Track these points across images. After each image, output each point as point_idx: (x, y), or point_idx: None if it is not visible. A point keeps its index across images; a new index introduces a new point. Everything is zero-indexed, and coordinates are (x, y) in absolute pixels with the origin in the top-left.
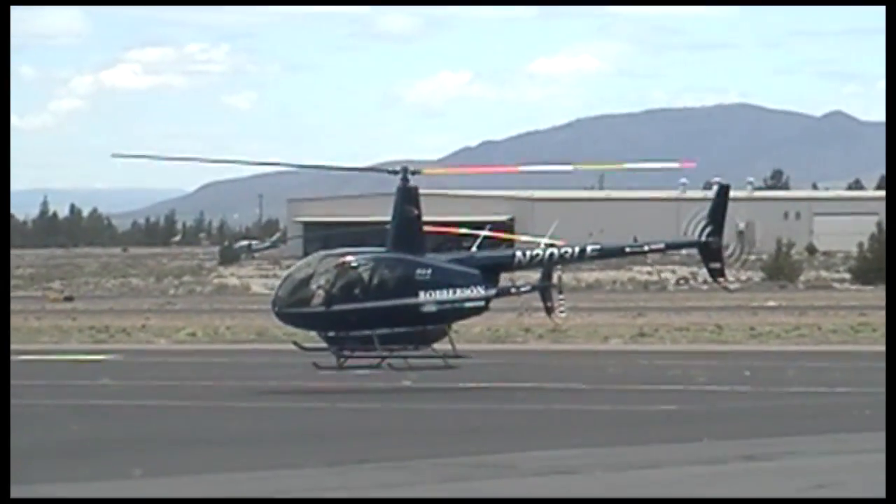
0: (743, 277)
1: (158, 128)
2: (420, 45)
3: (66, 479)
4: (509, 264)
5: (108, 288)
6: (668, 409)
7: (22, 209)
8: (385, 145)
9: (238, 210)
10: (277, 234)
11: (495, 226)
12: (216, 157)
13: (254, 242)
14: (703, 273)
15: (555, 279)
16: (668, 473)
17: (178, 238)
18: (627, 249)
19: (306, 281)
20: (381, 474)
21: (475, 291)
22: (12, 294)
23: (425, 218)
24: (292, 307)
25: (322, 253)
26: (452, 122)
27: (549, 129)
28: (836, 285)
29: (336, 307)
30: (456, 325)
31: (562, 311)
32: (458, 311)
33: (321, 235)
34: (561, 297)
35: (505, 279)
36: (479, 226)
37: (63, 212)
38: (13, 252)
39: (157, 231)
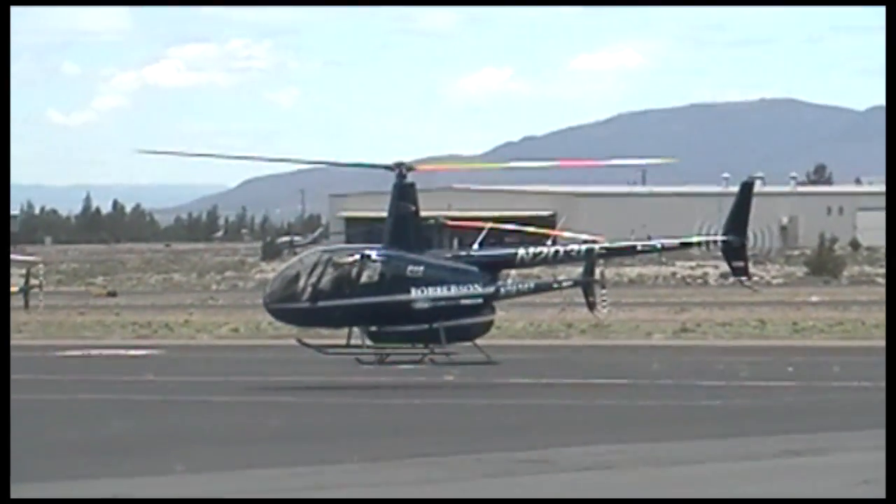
0: (771, 273)
1: (201, 124)
2: (462, 41)
3: (109, 474)
4: (511, 262)
5: (151, 283)
6: (711, 405)
7: (65, 205)
8: (427, 141)
9: (280, 205)
10: (319, 230)
11: (537, 221)
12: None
13: (296, 238)
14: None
15: (597, 274)
16: (712, 469)
17: (220, 234)
18: (639, 247)
19: (297, 277)
20: (423, 470)
21: (472, 289)
22: (56, 289)
23: (469, 214)
24: (281, 303)
25: (317, 249)
26: (494, 118)
27: (592, 124)
28: (880, 280)
29: (323, 303)
30: (497, 322)
31: (604, 307)
32: (453, 309)
33: (363, 231)
34: (603, 292)
35: (547, 274)
36: (521, 221)
37: (106, 207)
38: (56, 248)
39: (200, 227)
